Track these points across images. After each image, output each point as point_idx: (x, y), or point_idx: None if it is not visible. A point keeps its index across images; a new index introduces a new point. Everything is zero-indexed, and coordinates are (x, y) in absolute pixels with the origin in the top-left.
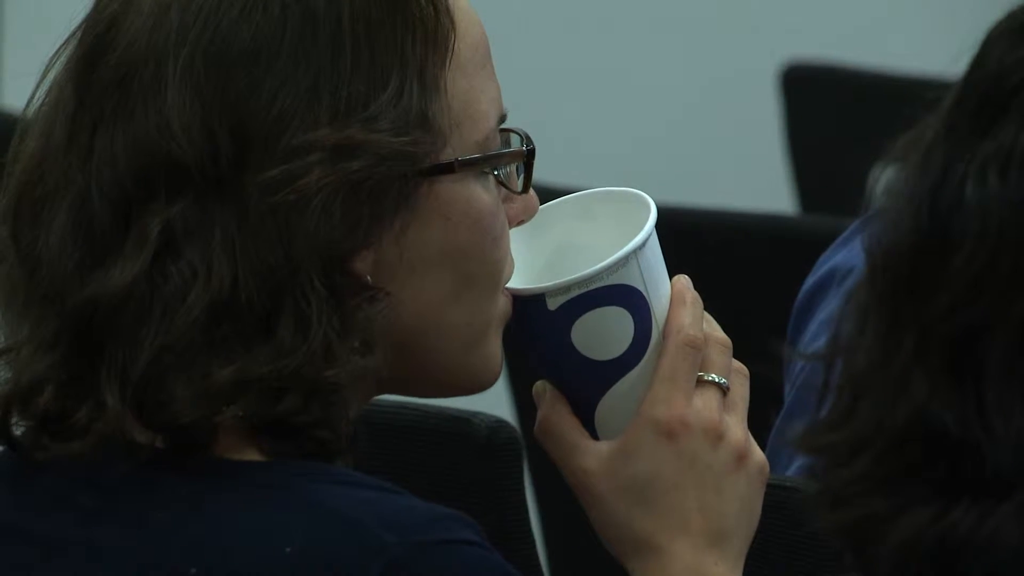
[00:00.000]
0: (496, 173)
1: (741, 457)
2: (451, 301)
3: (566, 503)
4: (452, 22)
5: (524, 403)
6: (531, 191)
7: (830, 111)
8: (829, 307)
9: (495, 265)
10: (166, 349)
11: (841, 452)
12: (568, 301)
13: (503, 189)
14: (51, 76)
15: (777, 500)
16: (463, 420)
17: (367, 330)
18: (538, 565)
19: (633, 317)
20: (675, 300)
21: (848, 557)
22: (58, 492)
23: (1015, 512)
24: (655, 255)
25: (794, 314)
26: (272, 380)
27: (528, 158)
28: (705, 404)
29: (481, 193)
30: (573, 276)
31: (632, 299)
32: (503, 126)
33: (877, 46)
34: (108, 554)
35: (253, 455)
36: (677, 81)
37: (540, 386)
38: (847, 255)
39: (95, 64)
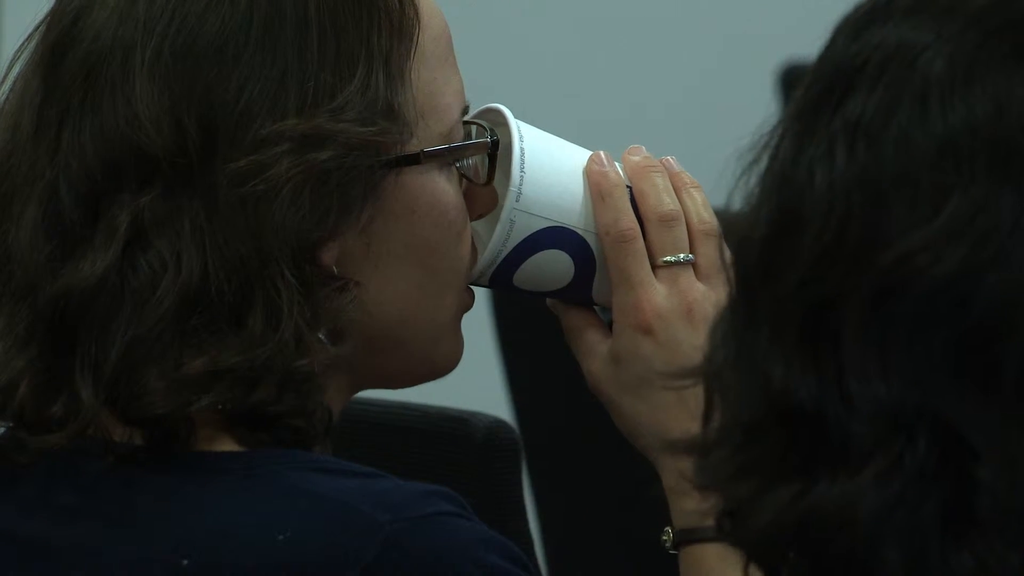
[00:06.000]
0: (459, 165)
1: None
2: (416, 295)
3: (566, 503)
4: (417, 14)
5: (523, 403)
6: (493, 184)
7: None
8: None
9: (459, 260)
10: (137, 340)
11: (706, 444)
12: (492, 275)
13: (465, 182)
14: (15, 71)
15: None
16: (462, 420)
17: (337, 319)
18: (537, 565)
19: (558, 248)
20: (593, 201)
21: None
22: (40, 493)
23: (872, 481)
24: (540, 183)
25: None
26: (244, 370)
27: (492, 149)
28: (671, 288)
29: (446, 186)
30: (477, 264)
31: (543, 238)
32: (466, 118)
33: None
34: (93, 552)
35: (231, 446)
36: (677, 81)
37: (550, 301)
38: None
39: (62, 57)
